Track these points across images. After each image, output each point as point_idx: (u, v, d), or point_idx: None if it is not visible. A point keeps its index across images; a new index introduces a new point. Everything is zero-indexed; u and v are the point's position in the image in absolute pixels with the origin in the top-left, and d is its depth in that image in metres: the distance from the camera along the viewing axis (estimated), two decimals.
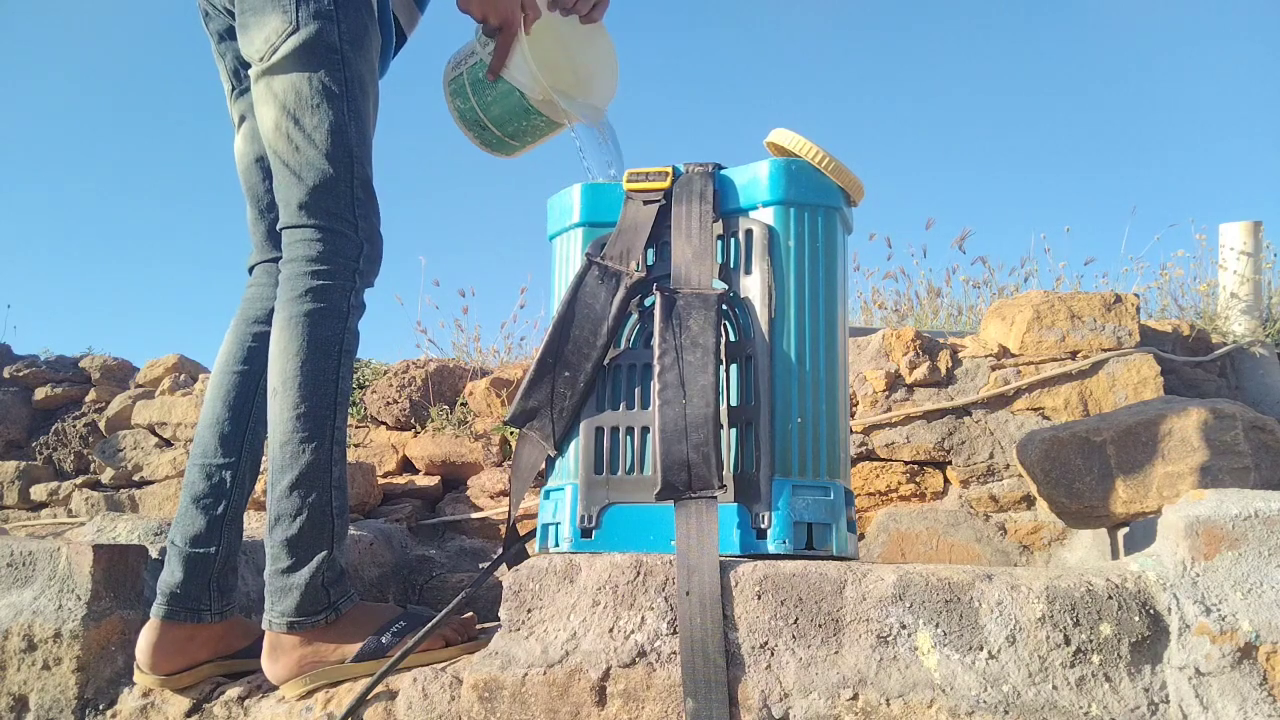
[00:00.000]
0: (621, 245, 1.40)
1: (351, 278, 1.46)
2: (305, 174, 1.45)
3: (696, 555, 1.21)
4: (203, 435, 1.56)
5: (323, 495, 1.41)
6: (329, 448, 1.42)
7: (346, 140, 1.45)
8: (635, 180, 1.42)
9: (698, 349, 1.29)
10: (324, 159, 1.44)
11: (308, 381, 1.41)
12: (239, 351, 1.59)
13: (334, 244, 1.45)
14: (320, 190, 1.45)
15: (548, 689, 1.21)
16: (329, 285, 1.44)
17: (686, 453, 1.25)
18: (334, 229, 1.45)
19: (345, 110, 1.45)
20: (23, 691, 1.59)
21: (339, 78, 1.45)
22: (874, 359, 2.43)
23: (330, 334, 1.43)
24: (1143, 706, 1.09)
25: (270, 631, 1.42)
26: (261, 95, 1.48)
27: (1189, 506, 1.17)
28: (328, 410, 1.42)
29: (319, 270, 1.44)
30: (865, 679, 1.14)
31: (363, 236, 1.47)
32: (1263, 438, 1.76)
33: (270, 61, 1.45)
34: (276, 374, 1.43)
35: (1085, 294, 2.39)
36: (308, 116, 1.44)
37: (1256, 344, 2.47)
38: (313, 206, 1.45)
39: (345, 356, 1.45)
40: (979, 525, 2.26)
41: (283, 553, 1.40)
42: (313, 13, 1.44)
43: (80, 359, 3.82)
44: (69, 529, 2.97)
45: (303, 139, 1.44)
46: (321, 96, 1.44)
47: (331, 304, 1.44)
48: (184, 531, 1.52)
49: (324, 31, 1.44)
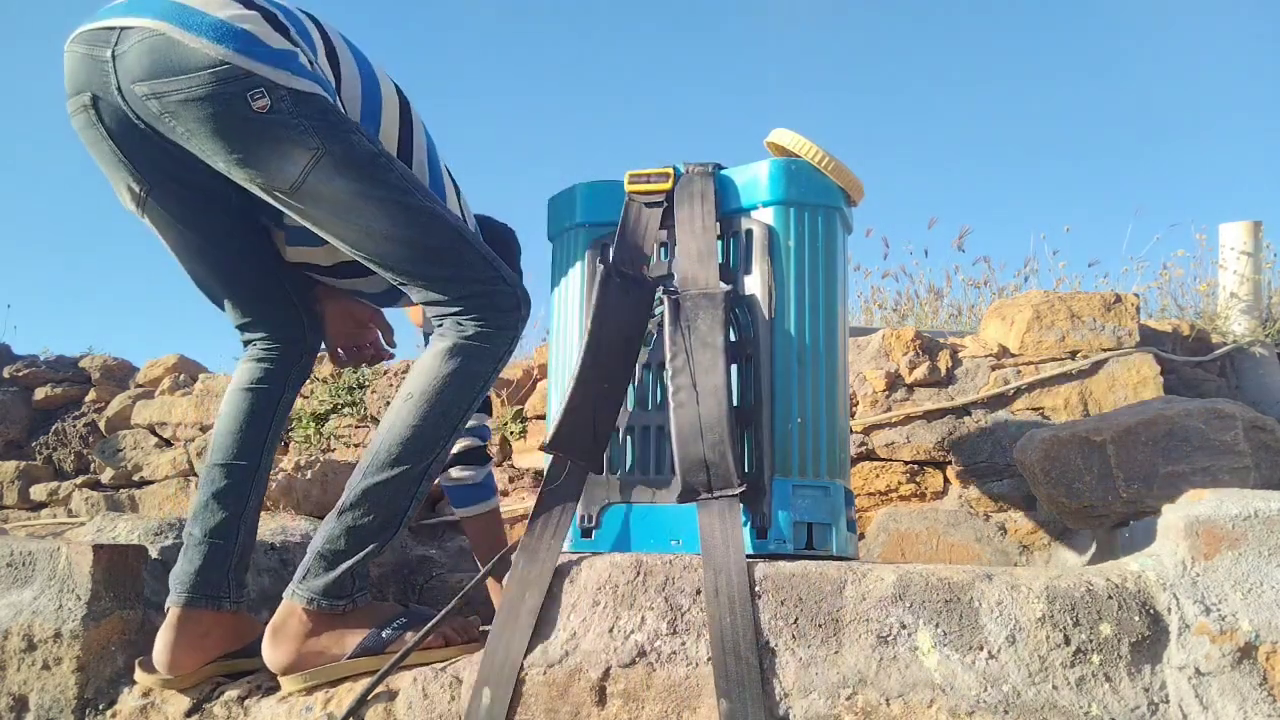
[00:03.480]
0: (631, 249, 1.40)
1: (515, 326, 1.47)
2: (428, 264, 1.42)
3: (723, 555, 1.21)
4: (223, 440, 1.59)
5: (403, 503, 1.44)
6: (428, 465, 1.44)
7: (443, 218, 1.44)
8: (636, 182, 1.42)
9: (708, 349, 1.29)
10: (436, 244, 1.42)
11: (441, 402, 1.43)
12: (256, 373, 1.63)
13: (494, 303, 1.44)
14: (452, 269, 1.43)
15: (548, 689, 1.21)
16: (494, 333, 1.44)
17: (704, 452, 1.25)
18: (484, 292, 1.44)
19: (421, 196, 1.43)
20: (23, 691, 1.59)
21: (396, 175, 1.41)
22: (874, 359, 2.43)
23: (480, 370, 1.45)
24: (1143, 706, 1.09)
25: (288, 602, 1.44)
26: (313, 218, 1.41)
27: (1189, 506, 1.17)
28: (445, 434, 1.45)
29: (489, 323, 1.44)
30: (865, 679, 1.14)
31: (513, 284, 1.47)
32: (1263, 438, 1.76)
33: (308, 183, 1.36)
34: (417, 384, 1.44)
35: (1085, 294, 2.39)
36: (394, 216, 1.39)
37: (1256, 344, 2.47)
38: (453, 284, 1.43)
39: (482, 393, 1.47)
40: (979, 525, 2.26)
41: (342, 536, 1.43)
42: (333, 134, 1.37)
43: (80, 359, 3.82)
44: (69, 529, 2.96)
45: (403, 238, 1.40)
46: (395, 194, 1.40)
47: (493, 347, 1.45)
48: (204, 524, 1.55)
49: (356, 143, 1.39)
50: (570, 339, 1.45)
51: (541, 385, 2.78)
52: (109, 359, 3.78)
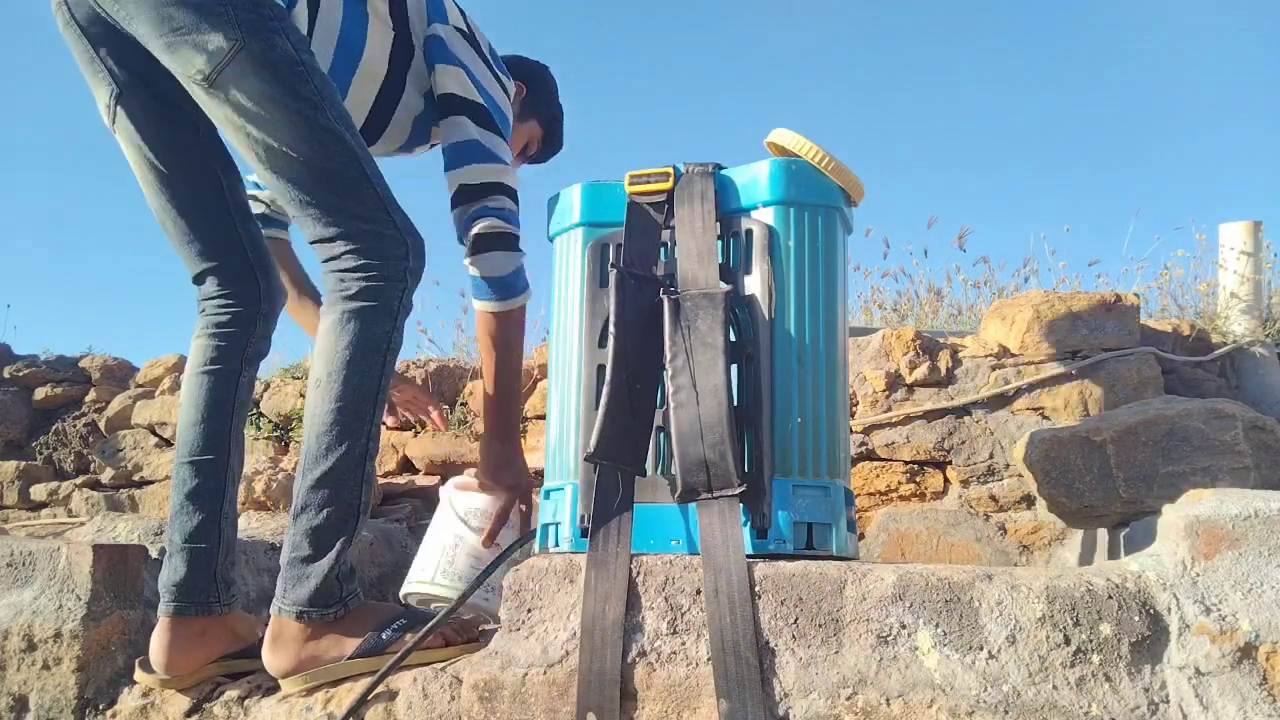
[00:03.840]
0: (640, 249, 1.39)
1: (403, 277, 1.44)
2: (319, 183, 1.41)
3: (723, 555, 1.21)
4: (186, 435, 1.56)
5: (353, 490, 1.41)
6: (364, 443, 1.42)
7: (345, 143, 1.43)
8: (637, 182, 1.42)
9: (708, 349, 1.29)
10: (333, 166, 1.41)
11: (351, 377, 1.41)
12: (210, 352, 1.58)
13: (379, 247, 1.42)
14: (344, 196, 1.41)
15: (548, 689, 1.21)
16: (382, 287, 1.42)
17: (704, 452, 1.25)
18: (374, 231, 1.42)
19: (331, 116, 1.42)
20: (23, 691, 1.59)
21: (310, 87, 1.41)
22: (874, 359, 2.43)
23: (379, 333, 1.42)
24: (1143, 706, 1.09)
25: (277, 619, 1.42)
26: (222, 113, 1.41)
27: (1189, 506, 1.17)
28: (368, 407, 1.42)
29: (371, 275, 1.42)
30: (865, 679, 1.14)
31: (404, 232, 1.45)
32: (1263, 438, 1.76)
33: (222, 78, 1.37)
34: (322, 366, 1.42)
35: (1085, 294, 2.39)
36: (295, 129, 1.39)
37: (1256, 344, 2.47)
38: (342, 213, 1.41)
39: (390, 355, 1.44)
40: (979, 525, 2.26)
41: (304, 541, 1.41)
42: (256, 28, 1.38)
43: (80, 359, 3.82)
44: (69, 529, 2.97)
45: (300, 152, 1.39)
46: (300, 105, 1.39)
47: (383, 303, 1.42)
48: (181, 528, 1.52)
49: (277, 44, 1.39)
50: (570, 339, 1.45)
51: (541, 385, 2.78)
52: (109, 359, 3.78)
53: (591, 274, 1.43)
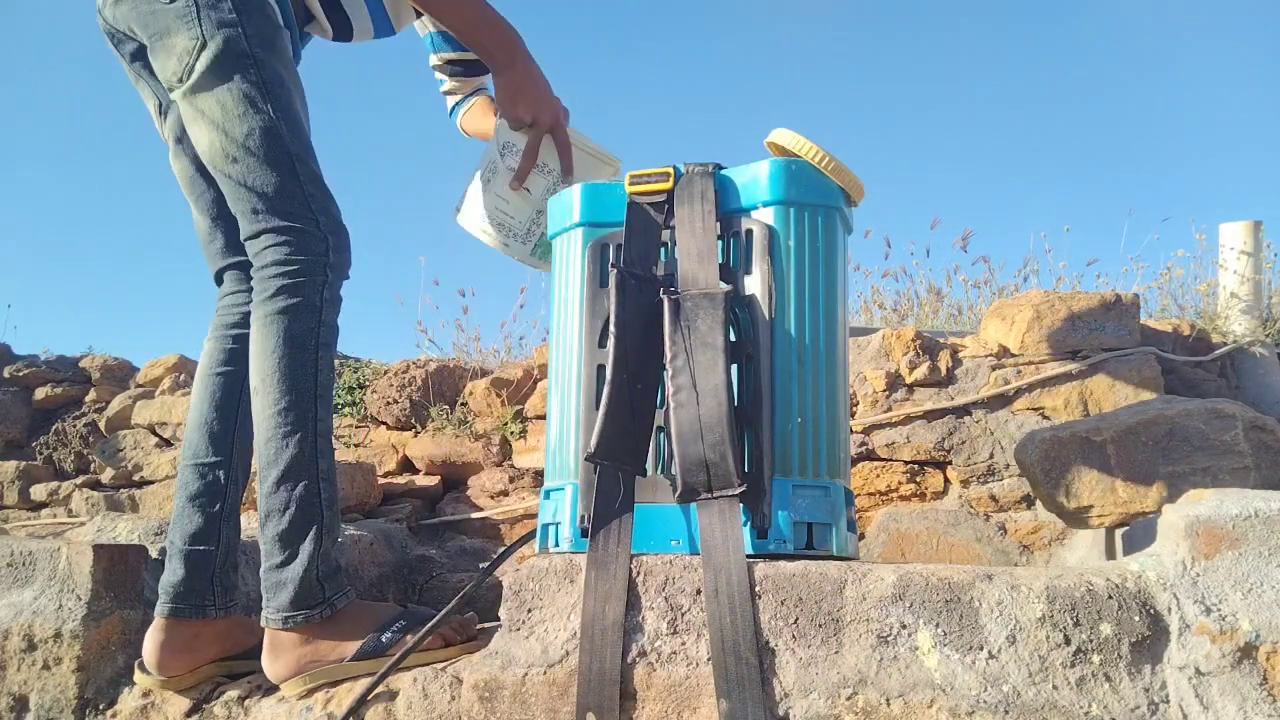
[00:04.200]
0: (640, 250, 1.39)
1: (323, 272, 1.47)
2: (252, 183, 1.45)
3: (723, 555, 1.21)
4: (192, 437, 1.57)
5: (310, 488, 1.42)
6: (312, 440, 1.43)
7: (281, 141, 1.46)
8: (637, 182, 1.42)
9: (708, 349, 1.29)
10: (264, 165, 1.45)
11: (286, 377, 1.42)
12: (220, 355, 1.60)
13: (298, 243, 1.46)
14: (270, 196, 1.45)
15: (548, 689, 1.21)
16: (300, 283, 1.45)
17: (704, 452, 1.25)
18: (295, 228, 1.46)
19: (272, 112, 1.46)
20: (23, 691, 1.59)
21: (256, 81, 1.45)
22: (874, 359, 2.43)
23: (305, 329, 1.44)
24: (1143, 706, 1.09)
25: (269, 629, 1.42)
26: (190, 116, 1.49)
27: (1189, 506, 1.17)
28: (308, 404, 1.43)
29: (289, 270, 1.45)
30: (865, 679, 1.14)
31: (325, 230, 1.48)
32: (1263, 438, 1.76)
33: (190, 82, 1.45)
34: (256, 373, 1.44)
35: (1085, 294, 2.39)
36: (237, 127, 1.44)
37: (1256, 344, 2.47)
38: (267, 212, 1.46)
39: (323, 350, 1.46)
40: (979, 525, 2.26)
41: (275, 548, 1.41)
42: (216, 23, 1.44)
43: (80, 359, 3.82)
44: (69, 529, 2.97)
45: (239, 150, 1.45)
46: (246, 104, 1.44)
47: (305, 299, 1.44)
48: (183, 531, 1.52)
49: (232, 40, 1.44)
50: (570, 339, 1.45)
51: (541, 385, 2.78)
52: (109, 359, 3.78)
53: (591, 274, 1.43)
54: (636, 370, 1.33)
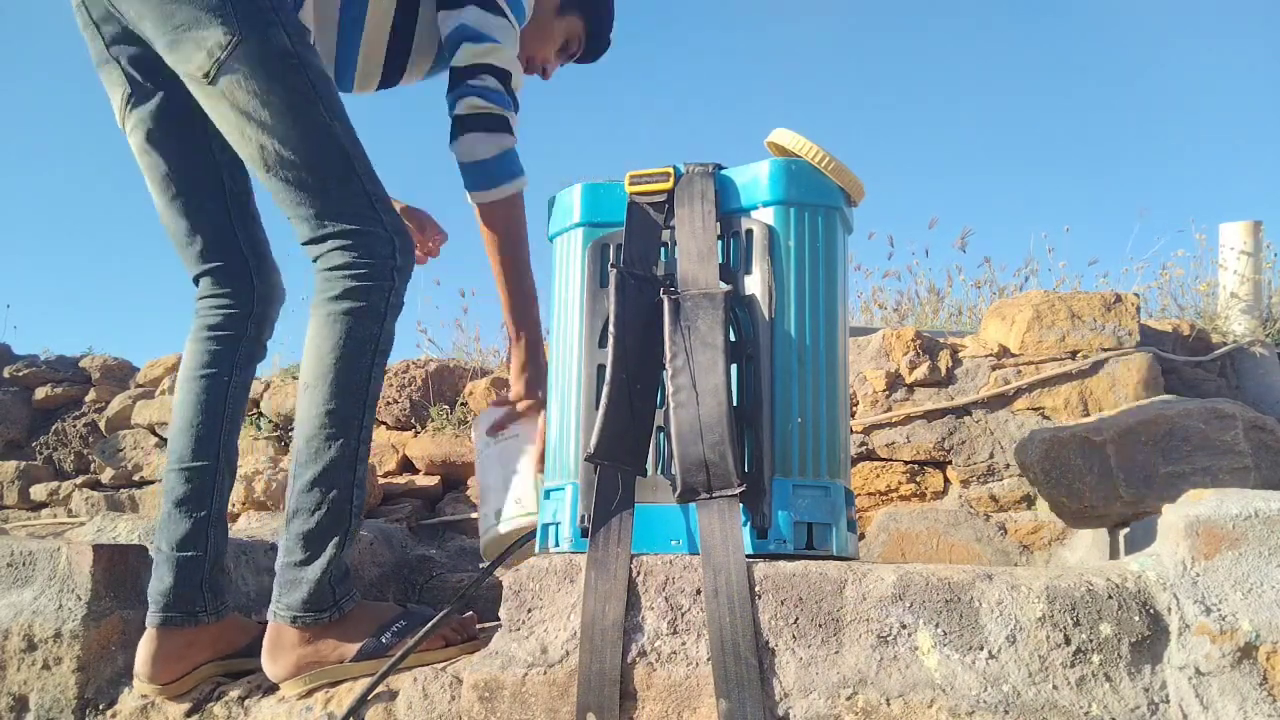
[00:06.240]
0: (640, 250, 1.39)
1: (390, 276, 1.43)
2: (311, 185, 1.40)
3: (722, 555, 1.21)
4: (177, 440, 1.55)
5: (343, 493, 1.41)
6: (354, 446, 1.41)
7: (336, 140, 1.42)
8: (637, 182, 1.42)
9: (708, 349, 1.29)
10: (323, 166, 1.41)
11: (340, 379, 1.40)
12: (203, 357, 1.57)
13: (365, 245, 1.41)
14: (332, 196, 1.41)
15: (548, 689, 1.21)
16: (368, 286, 1.41)
17: (704, 452, 1.25)
18: (360, 230, 1.41)
19: (324, 110, 1.41)
20: (23, 691, 1.59)
21: (304, 79, 1.40)
22: (874, 359, 2.43)
23: (366, 334, 1.42)
24: (1143, 706, 1.09)
25: (273, 624, 1.42)
26: (222, 113, 1.42)
27: (1189, 506, 1.17)
28: (356, 409, 1.41)
29: (357, 274, 1.41)
30: (865, 679, 1.14)
31: (390, 231, 1.43)
32: (1263, 438, 1.76)
33: (223, 76, 1.38)
34: (309, 370, 1.42)
35: (1085, 294, 2.40)
36: (289, 127, 1.39)
37: (1256, 344, 2.47)
38: (330, 214, 1.41)
39: (379, 357, 1.43)
40: (979, 525, 2.26)
41: (297, 546, 1.40)
42: (254, 20, 1.38)
43: (80, 359, 3.82)
44: (69, 529, 2.97)
45: (292, 151, 1.39)
46: (295, 103, 1.39)
47: (370, 304, 1.41)
48: (169, 537, 1.51)
49: (275, 37, 1.39)
50: (570, 339, 1.45)
51: None
52: (109, 359, 3.79)
53: (591, 274, 1.43)
54: (636, 370, 1.33)
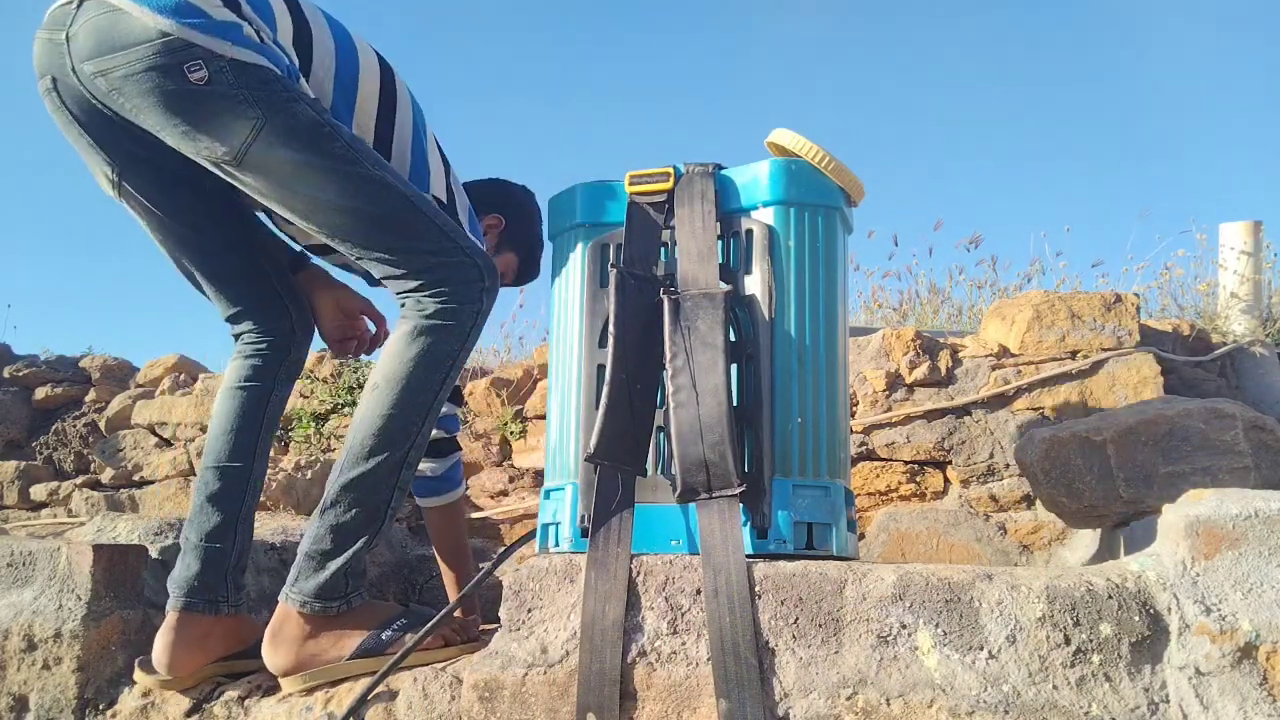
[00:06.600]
0: (640, 250, 1.39)
1: (479, 298, 1.44)
2: (376, 232, 1.40)
3: (722, 555, 1.21)
4: (216, 442, 1.58)
5: (384, 495, 1.43)
6: (404, 453, 1.43)
7: (392, 186, 1.41)
8: (637, 182, 1.42)
9: (708, 349, 1.29)
10: (384, 212, 1.40)
11: (408, 388, 1.41)
12: (245, 370, 1.61)
13: (453, 275, 1.42)
14: (403, 239, 1.41)
15: (548, 689, 1.21)
16: (459, 308, 1.42)
17: (704, 452, 1.25)
18: (445, 263, 1.42)
19: (369, 164, 1.40)
20: (23, 691, 1.59)
21: (341, 144, 1.39)
22: (874, 359, 2.43)
23: (448, 350, 1.43)
24: (1143, 706, 1.09)
25: (283, 605, 1.43)
26: (258, 188, 1.39)
27: (1189, 506, 1.17)
28: (417, 420, 1.43)
29: (446, 298, 1.41)
30: (865, 679, 1.14)
31: (474, 255, 1.44)
32: (1263, 437, 1.76)
33: (250, 155, 1.35)
34: (383, 371, 1.43)
35: (1085, 294, 2.39)
36: (340, 187, 1.37)
37: (1256, 344, 2.47)
38: (406, 255, 1.41)
39: (452, 374, 1.45)
40: (979, 525, 2.26)
41: (326, 535, 1.42)
42: (274, 102, 1.35)
43: (80, 359, 3.82)
44: (69, 529, 2.96)
45: (349, 206, 1.38)
46: (338, 165, 1.37)
47: (458, 323, 1.42)
48: (199, 528, 1.54)
49: (301, 114, 1.36)
50: (570, 339, 1.45)
51: (541, 385, 2.78)
52: (109, 359, 3.78)
53: (591, 274, 1.43)
54: (636, 370, 1.33)
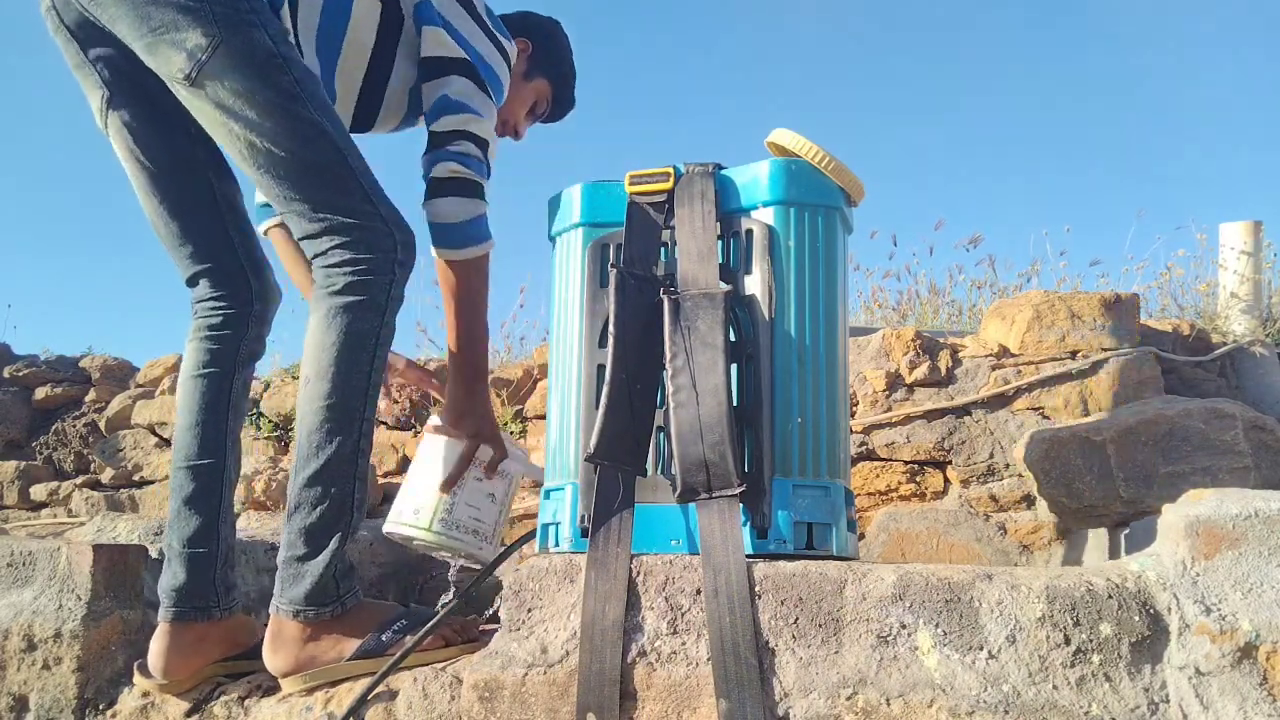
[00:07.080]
0: (640, 250, 1.39)
1: (391, 270, 1.43)
2: (301, 178, 1.40)
3: (722, 555, 1.21)
4: (183, 438, 1.56)
5: (345, 487, 1.41)
6: (356, 440, 1.41)
7: (328, 136, 1.41)
8: (637, 182, 1.42)
9: (708, 349, 1.29)
10: (316, 163, 1.40)
11: (340, 373, 1.40)
12: (202, 356, 1.58)
13: (365, 240, 1.41)
14: (328, 194, 1.41)
15: (548, 689, 1.21)
16: (369, 281, 1.41)
17: (703, 453, 1.25)
18: (359, 225, 1.41)
19: (311, 107, 1.41)
20: (23, 691, 1.59)
21: (289, 79, 1.40)
22: (874, 359, 2.43)
23: (367, 328, 1.42)
24: (1143, 706, 1.09)
25: (275, 617, 1.42)
26: (207, 114, 1.41)
27: (1189, 506, 1.17)
28: (358, 403, 1.42)
29: (358, 268, 1.41)
30: (865, 679, 1.14)
31: (391, 224, 1.43)
32: (1263, 437, 1.76)
33: (206, 79, 1.37)
34: (310, 365, 1.42)
35: (1085, 294, 2.39)
36: (278, 127, 1.39)
37: (1256, 344, 2.47)
38: (325, 208, 1.41)
39: (380, 349, 1.43)
40: (979, 525, 2.26)
41: (298, 540, 1.41)
42: (235, 22, 1.37)
43: (80, 359, 3.82)
44: (69, 529, 2.97)
45: (281, 147, 1.39)
46: (283, 103, 1.39)
47: (371, 297, 1.41)
48: (180, 533, 1.52)
49: (257, 39, 1.38)
50: (570, 339, 1.45)
51: (541, 385, 2.78)
52: (109, 359, 3.79)
53: (591, 274, 1.43)
54: (636, 370, 1.33)
